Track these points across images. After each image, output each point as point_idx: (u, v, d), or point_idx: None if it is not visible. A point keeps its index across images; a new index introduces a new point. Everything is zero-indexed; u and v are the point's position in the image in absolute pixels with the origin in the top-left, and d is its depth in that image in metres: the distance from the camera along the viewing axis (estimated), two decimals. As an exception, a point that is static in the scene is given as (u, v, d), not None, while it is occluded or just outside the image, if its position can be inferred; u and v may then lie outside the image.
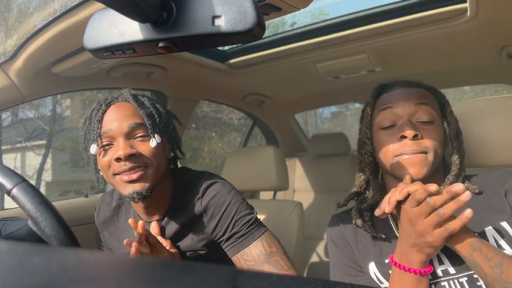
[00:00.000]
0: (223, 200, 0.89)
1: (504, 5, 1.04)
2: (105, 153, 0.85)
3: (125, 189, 0.84)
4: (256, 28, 0.35)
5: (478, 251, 0.63)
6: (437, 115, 0.81)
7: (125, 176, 0.83)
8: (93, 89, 1.46)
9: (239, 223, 0.88)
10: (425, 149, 0.75)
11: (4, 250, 0.27)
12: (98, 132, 0.84)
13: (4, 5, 2.35)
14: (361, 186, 0.88)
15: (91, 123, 0.87)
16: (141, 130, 0.86)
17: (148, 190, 0.84)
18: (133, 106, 0.88)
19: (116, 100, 0.89)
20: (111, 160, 0.83)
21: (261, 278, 0.23)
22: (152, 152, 0.86)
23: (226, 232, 0.89)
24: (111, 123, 0.85)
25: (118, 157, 0.82)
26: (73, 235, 0.55)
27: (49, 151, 10.02)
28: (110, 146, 0.85)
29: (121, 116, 0.86)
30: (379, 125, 0.83)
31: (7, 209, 1.17)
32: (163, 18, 0.37)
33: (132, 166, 0.83)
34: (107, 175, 0.86)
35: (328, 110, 13.48)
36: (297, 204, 1.45)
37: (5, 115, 9.41)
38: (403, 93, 0.82)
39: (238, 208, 0.90)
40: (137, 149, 0.84)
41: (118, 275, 0.23)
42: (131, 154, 0.82)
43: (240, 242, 0.88)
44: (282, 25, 6.21)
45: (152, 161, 0.86)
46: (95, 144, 0.84)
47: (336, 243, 0.89)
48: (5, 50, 1.01)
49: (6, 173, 0.55)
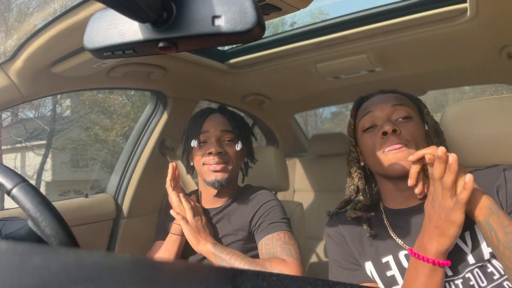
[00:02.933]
0: (265, 197, 1.14)
1: (504, 5, 1.04)
2: (201, 148, 1.13)
3: (210, 176, 1.10)
4: (256, 28, 0.35)
5: (495, 216, 0.64)
6: (415, 114, 0.87)
7: (211, 167, 1.10)
8: (93, 89, 1.46)
9: (272, 215, 1.08)
10: (406, 142, 0.80)
11: (4, 250, 0.27)
12: (199, 131, 1.13)
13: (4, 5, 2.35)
14: (352, 195, 0.91)
15: (194, 124, 1.16)
16: (229, 135, 1.14)
17: (226, 180, 1.10)
18: (226, 117, 1.17)
19: (215, 111, 1.19)
20: (205, 153, 1.11)
21: (261, 278, 0.23)
22: (234, 153, 1.13)
23: (260, 220, 1.08)
24: (209, 126, 1.14)
25: (210, 152, 1.09)
26: (73, 235, 0.55)
27: (49, 151, 10.03)
28: (205, 143, 1.13)
29: (216, 123, 1.14)
30: (362, 128, 0.88)
31: (7, 209, 1.17)
32: (163, 18, 0.37)
33: (218, 161, 1.09)
34: (198, 164, 1.13)
35: (328, 110, 13.48)
36: (297, 204, 1.45)
37: (5, 115, 9.41)
38: (380, 98, 0.89)
39: (276, 207, 1.11)
40: (224, 149, 1.11)
41: (118, 275, 0.23)
42: (220, 152, 1.10)
43: (269, 228, 1.05)
44: (282, 25, 6.21)
45: (233, 160, 1.13)
46: (195, 139, 1.13)
47: (334, 240, 0.91)
48: (5, 50, 1.01)
49: (6, 173, 0.55)
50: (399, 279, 0.78)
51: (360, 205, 0.88)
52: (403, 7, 1.21)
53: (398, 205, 0.86)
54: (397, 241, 0.82)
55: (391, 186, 0.85)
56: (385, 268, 0.80)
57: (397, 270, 0.79)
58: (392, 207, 0.87)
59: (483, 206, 0.65)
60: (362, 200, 0.89)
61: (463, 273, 0.71)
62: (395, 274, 0.79)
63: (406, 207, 0.84)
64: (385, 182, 0.87)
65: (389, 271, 0.80)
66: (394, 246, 0.82)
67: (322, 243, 2.04)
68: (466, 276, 0.71)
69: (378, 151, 0.82)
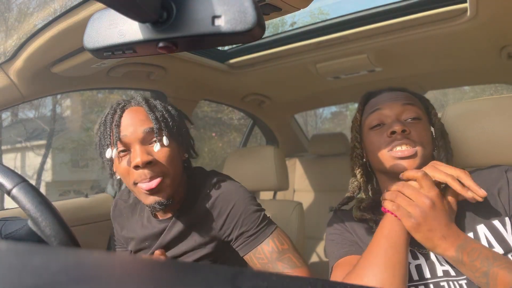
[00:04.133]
0: (231, 198, 0.89)
1: (504, 5, 1.04)
2: (121, 159, 0.84)
3: (147, 199, 0.84)
4: (256, 28, 0.35)
5: (461, 264, 0.64)
6: (423, 115, 0.85)
7: (144, 185, 0.82)
8: (93, 89, 1.46)
9: (247, 221, 0.88)
10: (414, 143, 0.79)
11: (4, 250, 0.27)
12: (114, 137, 0.84)
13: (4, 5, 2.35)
14: (354, 191, 0.90)
15: (105, 128, 0.86)
16: (152, 134, 0.84)
17: (169, 198, 0.84)
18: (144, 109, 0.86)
19: (129, 105, 0.88)
20: (130, 168, 0.83)
21: (261, 278, 0.23)
22: (166, 157, 0.84)
23: (234, 230, 0.88)
24: (127, 127, 0.84)
25: (136, 165, 0.81)
26: (73, 235, 0.55)
27: (49, 151, 10.03)
28: (126, 152, 0.84)
29: (135, 121, 0.84)
30: (369, 126, 0.86)
31: (7, 209, 1.17)
32: (163, 18, 0.37)
33: (151, 175, 0.82)
34: (127, 182, 0.86)
35: (328, 110, 13.49)
36: (297, 204, 1.45)
37: (5, 115, 9.41)
38: (390, 96, 0.87)
39: (246, 205, 0.89)
40: (154, 156, 0.83)
41: (118, 275, 0.23)
42: (148, 161, 0.81)
43: (252, 240, 0.88)
44: (282, 25, 6.21)
45: (169, 169, 0.85)
46: (110, 148, 0.84)
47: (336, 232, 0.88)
48: (5, 50, 1.01)
49: (6, 173, 0.55)
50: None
51: (364, 204, 0.87)
52: (403, 7, 1.21)
53: None
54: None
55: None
56: None
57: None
58: None
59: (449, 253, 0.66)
60: (365, 198, 0.89)
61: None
62: None
63: None
64: (387, 181, 0.86)
65: None
66: None
67: (322, 243, 2.04)
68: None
69: (384, 150, 0.81)
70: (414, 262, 0.76)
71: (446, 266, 0.73)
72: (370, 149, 0.86)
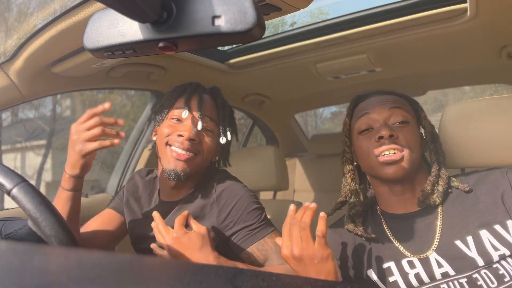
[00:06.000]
0: (236, 193, 0.94)
1: (504, 5, 1.03)
2: (169, 123, 0.94)
3: (169, 163, 0.91)
4: (256, 28, 0.35)
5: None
6: (412, 118, 0.86)
7: (174, 152, 0.90)
8: (93, 89, 1.46)
9: (251, 216, 0.92)
10: (402, 148, 0.79)
11: (4, 250, 0.27)
12: (179, 105, 0.94)
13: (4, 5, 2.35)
14: (347, 196, 0.90)
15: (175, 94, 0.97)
16: (211, 124, 0.95)
17: (185, 174, 0.91)
18: (215, 102, 0.99)
19: (205, 91, 1.00)
20: (172, 133, 0.92)
21: (261, 278, 0.23)
22: (209, 147, 0.94)
23: (237, 223, 0.91)
24: (190, 104, 0.93)
25: (181, 134, 0.90)
26: (73, 235, 0.55)
27: (49, 151, 10.02)
28: (178, 122, 0.93)
29: (201, 104, 0.94)
30: (358, 130, 0.87)
31: (7, 209, 1.17)
32: (163, 18, 0.37)
33: (187, 148, 0.90)
34: (161, 141, 0.94)
35: (328, 110, 13.45)
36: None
37: (5, 115, 9.41)
38: (378, 100, 0.88)
39: (250, 202, 0.93)
40: (200, 138, 0.92)
41: (118, 275, 0.23)
42: (193, 139, 0.90)
43: (255, 233, 0.91)
44: (282, 25, 6.20)
45: (204, 153, 0.94)
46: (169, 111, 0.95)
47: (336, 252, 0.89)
48: (5, 50, 1.00)
49: (6, 173, 0.55)
50: (402, 285, 0.78)
51: (354, 210, 0.88)
52: (403, 7, 1.21)
53: (396, 210, 0.85)
54: (398, 247, 0.81)
55: (386, 189, 0.85)
56: (387, 274, 0.80)
57: (400, 276, 0.78)
58: (391, 212, 0.86)
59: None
60: (356, 203, 0.89)
61: (468, 273, 0.71)
62: (397, 279, 0.78)
63: (405, 212, 0.84)
64: (379, 185, 0.87)
65: (392, 276, 0.79)
66: (396, 252, 0.81)
67: (322, 243, 2.03)
68: (474, 276, 0.71)
69: (373, 154, 0.82)
70: (412, 271, 0.76)
71: (445, 267, 0.73)
72: (359, 153, 0.87)
